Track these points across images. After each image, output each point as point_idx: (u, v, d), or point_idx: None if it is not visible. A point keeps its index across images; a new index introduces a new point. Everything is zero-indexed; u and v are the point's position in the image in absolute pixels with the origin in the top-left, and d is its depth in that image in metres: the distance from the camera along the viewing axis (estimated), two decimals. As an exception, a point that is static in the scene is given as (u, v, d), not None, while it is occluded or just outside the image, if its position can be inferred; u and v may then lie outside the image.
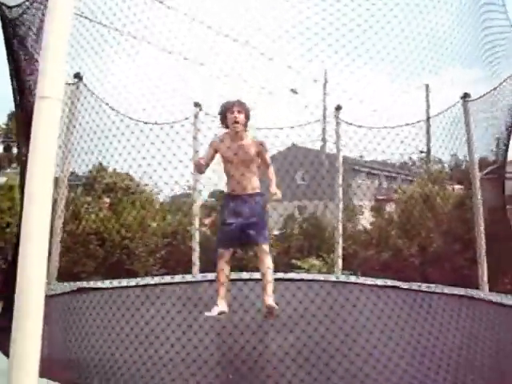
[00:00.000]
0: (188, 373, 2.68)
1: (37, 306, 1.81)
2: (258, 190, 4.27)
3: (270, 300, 4.00)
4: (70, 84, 4.68)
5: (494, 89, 4.84)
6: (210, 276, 6.02)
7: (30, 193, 1.82)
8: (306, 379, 2.63)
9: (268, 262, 4.12)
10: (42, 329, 1.84)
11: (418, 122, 5.78)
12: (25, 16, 2.72)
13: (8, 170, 19.25)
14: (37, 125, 1.85)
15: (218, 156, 4.32)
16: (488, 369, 2.83)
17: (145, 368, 2.76)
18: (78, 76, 4.82)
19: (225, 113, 4.24)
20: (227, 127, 4.28)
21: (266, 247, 4.18)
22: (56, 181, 4.81)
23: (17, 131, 3.94)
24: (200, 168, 4.16)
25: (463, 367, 2.80)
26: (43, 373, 1.88)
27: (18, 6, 2.77)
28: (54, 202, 4.25)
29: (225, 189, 4.52)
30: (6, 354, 2.61)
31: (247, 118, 4.22)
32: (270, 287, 4.04)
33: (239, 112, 4.15)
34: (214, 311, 3.96)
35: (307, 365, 2.80)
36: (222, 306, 4.04)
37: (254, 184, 4.24)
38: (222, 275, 4.11)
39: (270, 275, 4.11)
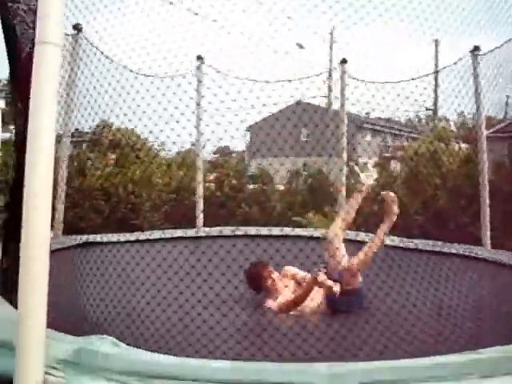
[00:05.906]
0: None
1: (42, 259, 1.80)
2: None
3: None
4: (68, 35, 4.53)
5: (505, 43, 4.68)
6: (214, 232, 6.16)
7: (33, 141, 1.78)
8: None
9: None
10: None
11: (426, 75, 5.60)
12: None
13: (12, 126, 19.15)
14: (38, 70, 1.79)
15: None
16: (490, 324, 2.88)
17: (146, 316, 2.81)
18: (77, 27, 4.66)
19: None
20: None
21: None
22: (59, 137, 4.76)
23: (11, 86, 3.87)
24: None
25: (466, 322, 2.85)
26: (50, 324, 1.91)
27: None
28: (57, 158, 4.20)
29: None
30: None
31: None
32: None
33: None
34: None
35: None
36: None
37: None
38: None
39: None
